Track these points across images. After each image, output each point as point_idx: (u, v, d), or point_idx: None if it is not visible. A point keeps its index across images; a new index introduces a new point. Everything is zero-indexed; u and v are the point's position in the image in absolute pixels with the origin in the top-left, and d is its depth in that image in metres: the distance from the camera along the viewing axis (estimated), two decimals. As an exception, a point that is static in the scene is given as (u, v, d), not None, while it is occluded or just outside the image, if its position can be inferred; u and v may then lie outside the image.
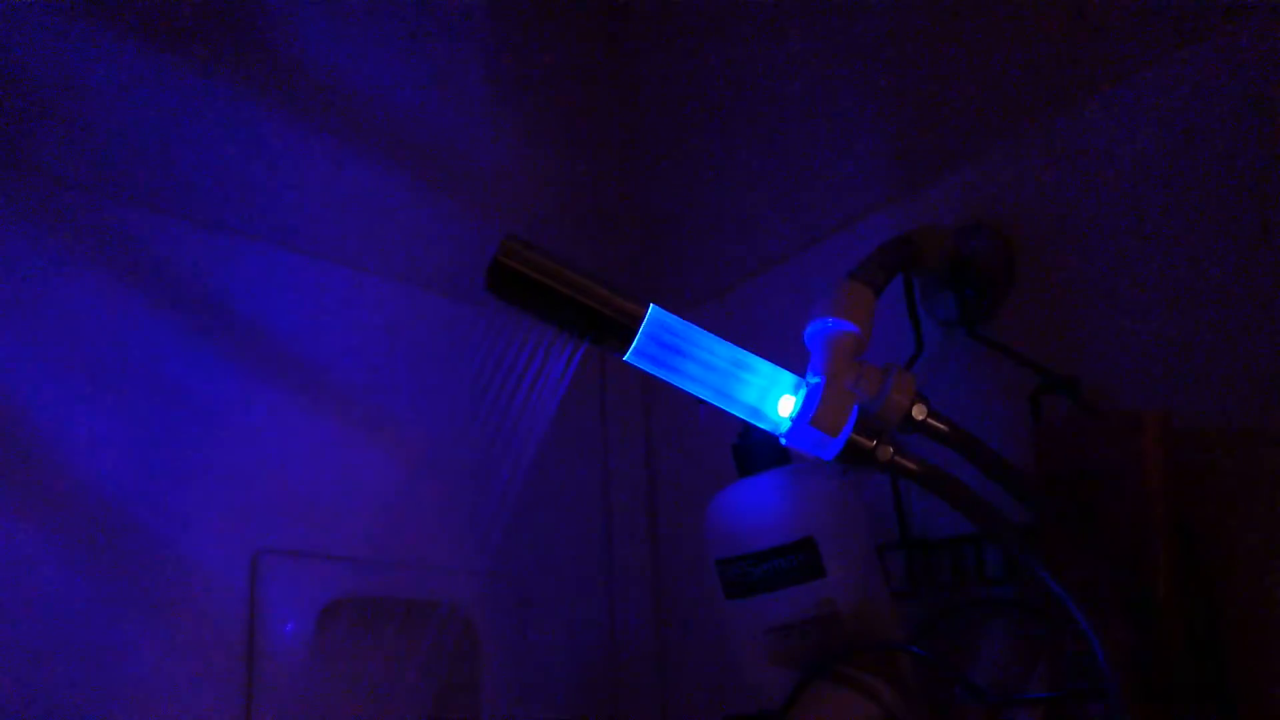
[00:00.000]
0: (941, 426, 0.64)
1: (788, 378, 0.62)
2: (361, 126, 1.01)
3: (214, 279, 0.88)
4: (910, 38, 0.90)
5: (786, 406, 0.61)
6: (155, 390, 0.82)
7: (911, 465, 0.62)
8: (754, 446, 0.75)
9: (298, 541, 0.86)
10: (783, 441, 0.61)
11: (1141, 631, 0.63)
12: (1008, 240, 0.80)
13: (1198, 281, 0.70)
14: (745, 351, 0.61)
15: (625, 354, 0.59)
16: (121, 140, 0.86)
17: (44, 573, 0.74)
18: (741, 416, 0.62)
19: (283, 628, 0.83)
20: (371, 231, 1.00)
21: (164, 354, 0.84)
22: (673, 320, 0.59)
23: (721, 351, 0.61)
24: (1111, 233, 0.74)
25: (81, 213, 0.82)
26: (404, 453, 0.95)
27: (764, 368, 0.61)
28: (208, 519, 0.83)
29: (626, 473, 1.12)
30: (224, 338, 0.87)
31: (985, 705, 0.68)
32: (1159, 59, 0.73)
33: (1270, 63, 0.68)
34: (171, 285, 0.85)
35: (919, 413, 0.63)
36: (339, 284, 0.96)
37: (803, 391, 0.61)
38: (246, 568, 0.83)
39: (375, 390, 0.95)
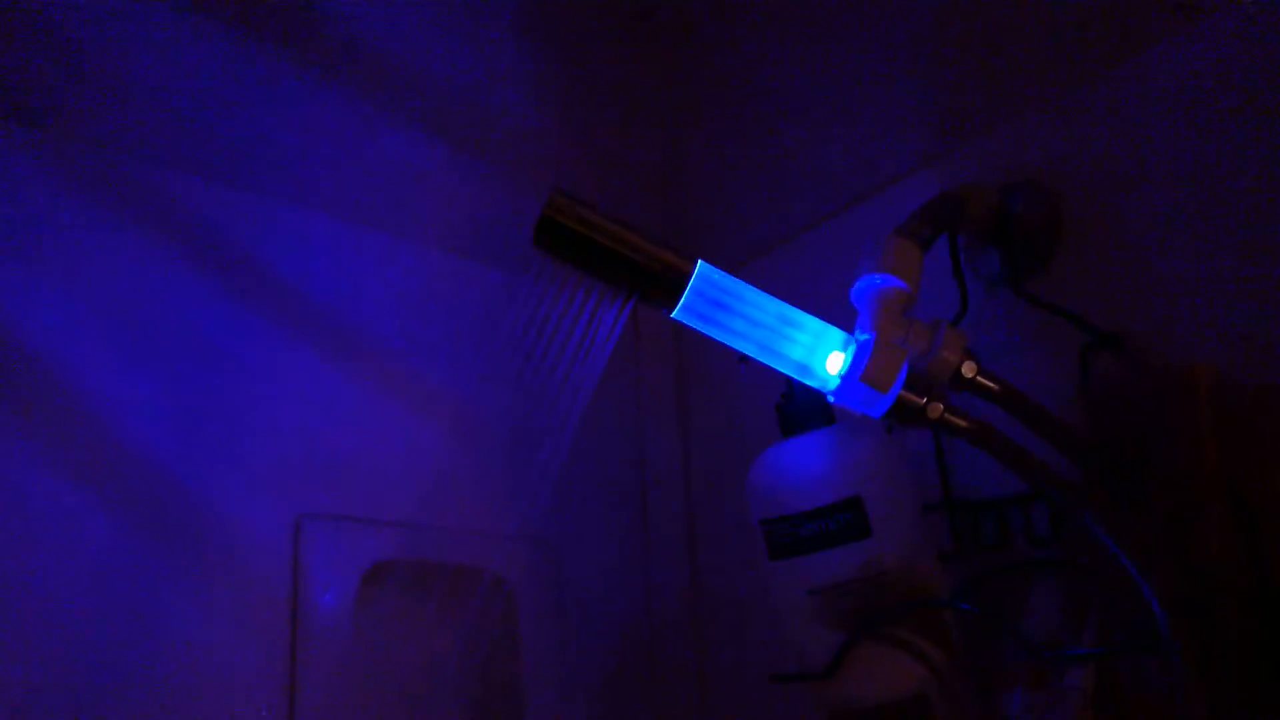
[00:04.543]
0: (991, 384, 0.63)
1: (836, 334, 0.61)
2: (396, 90, 1.01)
3: (252, 243, 0.88)
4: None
5: (835, 363, 0.60)
6: (196, 353, 0.83)
7: (962, 422, 0.61)
8: (798, 406, 0.75)
9: (340, 506, 0.86)
10: (831, 399, 0.61)
11: (1193, 590, 0.62)
12: (1053, 197, 0.79)
13: (1247, 236, 0.68)
14: (793, 308, 0.60)
15: (673, 310, 0.58)
16: (162, 104, 0.86)
17: (90, 534, 0.75)
18: (789, 374, 0.61)
19: (325, 591, 0.83)
20: (406, 196, 1.00)
21: (203, 317, 0.84)
22: (721, 276, 0.59)
23: (769, 307, 0.60)
24: (1158, 188, 0.73)
25: (122, 176, 0.82)
26: (442, 417, 0.94)
27: (812, 324, 0.61)
28: (250, 482, 0.83)
29: (661, 436, 1.12)
30: (262, 301, 0.87)
31: (1037, 661, 0.67)
32: (1209, 13, 0.71)
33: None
34: (211, 248, 0.86)
35: (969, 370, 0.62)
36: (375, 249, 0.96)
37: (852, 348, 0.60)
38: (289, 531, 0.84)
39: (413, 355, 0.95)
